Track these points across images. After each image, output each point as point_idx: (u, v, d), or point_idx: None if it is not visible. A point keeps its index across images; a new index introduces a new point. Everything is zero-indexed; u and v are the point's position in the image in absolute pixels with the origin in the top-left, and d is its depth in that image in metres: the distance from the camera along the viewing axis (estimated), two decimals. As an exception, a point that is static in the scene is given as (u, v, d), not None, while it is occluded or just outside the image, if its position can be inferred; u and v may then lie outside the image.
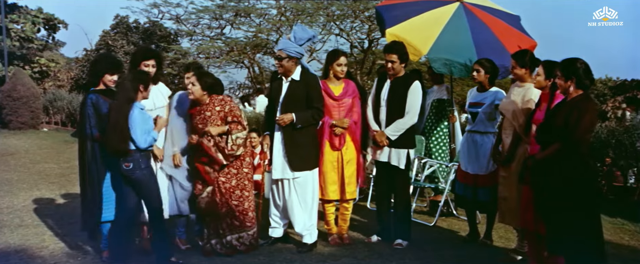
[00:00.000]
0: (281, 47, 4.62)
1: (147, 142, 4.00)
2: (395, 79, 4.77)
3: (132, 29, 17.88)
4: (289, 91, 4.62)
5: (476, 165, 4.77)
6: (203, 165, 4.43)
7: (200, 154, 4.43)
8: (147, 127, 4.03)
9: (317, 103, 4.58)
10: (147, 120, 4.04)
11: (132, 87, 3.99)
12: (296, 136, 4.58)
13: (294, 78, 4.62)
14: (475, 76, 4.80)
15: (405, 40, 5.17)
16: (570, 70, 3.51)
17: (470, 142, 4.84)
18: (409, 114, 4.69)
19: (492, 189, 4.60)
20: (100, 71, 4.22)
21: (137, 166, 3.99)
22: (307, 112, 4.53)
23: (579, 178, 3.43)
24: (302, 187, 4.62)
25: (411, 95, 4.67)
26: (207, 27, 15.99)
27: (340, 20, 14.77)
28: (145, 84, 4.05)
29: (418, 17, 5.67)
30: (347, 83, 4.85)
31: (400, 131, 4.70)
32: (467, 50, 5.33)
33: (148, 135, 4.02)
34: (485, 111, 4.74)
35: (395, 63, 4.72)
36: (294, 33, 4.62)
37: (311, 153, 4.63)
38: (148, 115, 4.09)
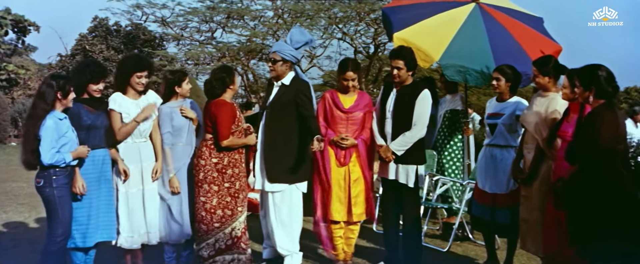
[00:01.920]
0: (276, 49, 4.72)
1: (52, 160, 3.89)
2: (402, 88, 4.78)
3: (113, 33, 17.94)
4: (276, 96, 4.72)
5: (494, 182, 4.75)
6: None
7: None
8: (60, 141, 3.94)
9: (305, 110, 4.63)
10: (63, 134, 3.97)
11: (49, 93, 3.94)
12: (278, 144, 4.66)
13: (283, 83, 4.72)
14: (494, 85, 4.80)
15: (415, 45, 5.19)
16: (590, 78, 3.52)
17: (488, 157, 4.82)
18: (416, 126, 4.69)
19: (512, 210, 4.58)
20: (83, 81, 4.24)
21: (48, 183, 3.94)
22: (312, 127, 4.56)
23: (612, 196, 3.41)
24: (278, 203, 4.69)
25: (419, 105, 4.68)
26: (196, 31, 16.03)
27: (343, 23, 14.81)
28: (64, 92, 3.99)
29: (429, 20, 5.68)
30: (360, 95, 4.87)
31: (407, 145, 4.70)
32: (483, 56, 5.34)
33: (56, 151, 3.91)
34: (505, 123, 4.74)
35: (402, 71, 4.73)
36: (291, 35, 4.70)
37: (293, 164, 4.66)
38: (67, 129, 4.01)
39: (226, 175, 4.52)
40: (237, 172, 4.58)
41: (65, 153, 3.95)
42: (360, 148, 4.79)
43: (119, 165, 4.43)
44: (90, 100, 4.30)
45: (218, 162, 4.52)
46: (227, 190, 4.52)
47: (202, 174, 4.51)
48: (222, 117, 4.47)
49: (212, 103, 4.56)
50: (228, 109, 4.51)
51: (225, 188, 4.51)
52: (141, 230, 4.53)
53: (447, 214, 6.32)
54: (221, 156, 4.52)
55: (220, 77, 4.56)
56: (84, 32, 17.94)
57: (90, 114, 4.23)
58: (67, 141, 3.99)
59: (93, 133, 4.25)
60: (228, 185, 4.52)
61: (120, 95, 4.48)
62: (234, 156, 4.57)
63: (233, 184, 4.55)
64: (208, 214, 4.49)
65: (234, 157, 4.57)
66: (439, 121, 6.22)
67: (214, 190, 4.49)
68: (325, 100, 4.89)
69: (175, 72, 4.84)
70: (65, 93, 3.99)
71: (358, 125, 4.82)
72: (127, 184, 4.47)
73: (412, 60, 4.78)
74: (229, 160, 4.54)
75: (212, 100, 4.58)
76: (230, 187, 4.53)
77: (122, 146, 4.48)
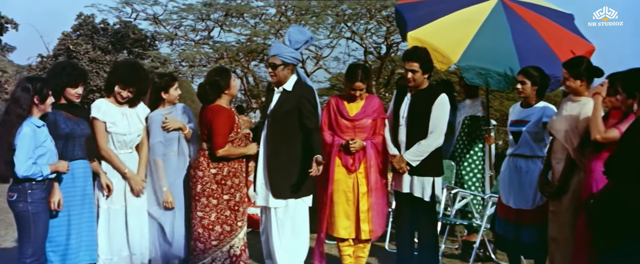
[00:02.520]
0: (275, 52, 4.72)
1: (28, 172, 3.83)
2: (417, 92, 4.79)
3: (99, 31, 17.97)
4: (278, 103, 4.73)
5: (519, 197, 4.71)
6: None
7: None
8: (37, 151, 3.89)
9: (309, 121, 4.65)
10: (41, 143, 3.91)
11: (25, 97, 3.88)
12: (281, 156, 4.68)
13: (285, 89, 4.73)
14: (519, 89, 4.77)
15: (431, 45, 5.20)
16: (635, 84, 3.49)
17: (512, 169, 4.79)
18: (433, 134, 4.69)
19: (539, 228, 4.54)
20: (59, 85, 4.20)
21: (22, 197, 3.88)
22: (315, 142, 4.61)
23: None
24: (282, 218, 4.71)
25: (436, 110, 4.68)
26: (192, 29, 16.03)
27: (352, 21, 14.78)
28: (42, 96, 3.93)
29: (447, 18, 5.69)
30: (369, 100, 4.88)
31: (423, 155, 4.69)
32: (507, 57, 5.33)
33: (32, 162, 3.85)
34: (530, 130, 4.70)
35: (417, 73, 4.72)
36: (289, 35, 4.71)
37: (298, 177, 4.68)
38: (45, 137, 3.97)
39: (225, 187, 4.51)
40: (238, 183, 4.57)
41: (43, 165, 3.89)
42: (370, 154, 4.79)
43: (101, 178, 4.41)
44: (68, 105, 4.27)
45: (217, 173, 4.50)
46: (227, 202, 4.51)
47: (200, 186, 4.50)
48: (217, 123, 4.46)
49: (207, 109, 4.55)
50: (224, 115, 4.49)
51: (225, 200, 4.50)
52: (123, 252, 4.49)
53: (467, 231, 6.29)
54: (220, 166, 4.51)
55: (213, 80, 4.53)
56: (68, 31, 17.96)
57: (69, 121, 4.20)
58: (45, 152, 3.94)
59: (72, 143, 4.21)
60: (227, 197, 4.51)
61: (105, 102, 4.46)
62: (233, 166, 4.56)
63: (233, 196, 4.54)
64: (205, 231, 4.48)
65: (234, 166, 4.56)
66: (458, 128, 6.22)
67: (212, 203, 4.48)
68: (330, 106, 4.92)
69: (163, 76, 4.82)
70: (43, 98, 3.93)
71: (367, 133, 4.83)
72: (110, 200, 4.45)
73: (428, 62, 4.78)
74: (228, 169, 4.53)
75: (207, 105, 4.56)
76: (230, 199, 4.52)
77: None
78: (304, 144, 4.69)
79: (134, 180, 4.49)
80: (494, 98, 14.02)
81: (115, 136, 4.46)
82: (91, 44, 17.27)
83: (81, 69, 4.45)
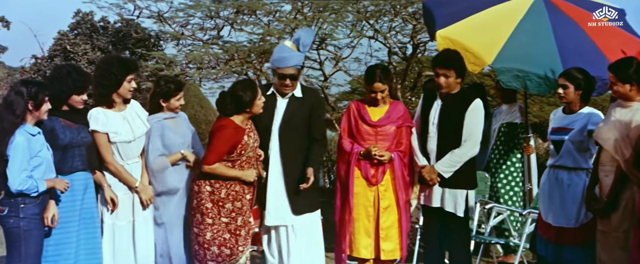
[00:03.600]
0: (296, 62, 4.77)
1: (23, 186, 3.82)
2: (448, 97, 4.81)
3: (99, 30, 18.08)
4: (289, 112, 4.79)
5: (561, 213, 4.69)
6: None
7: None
8: (33, 162, 3.89)
9: (317, 130, 4.77)
10: (36, 153, 3.91)
11: (18, 102, 3.87)
12: (299, 170, 4.75)
13: (295, 95, 4.79)
14: (561, 93, 4.75)
15: (463, 45, 5.23)
16: None
17: (553, 182, 4.77)
18: (467, 143, 4.71)
19: (584, 249, 4.52)
20: (65, 91, 4.21)
21: (13, 212, 3.87)
22: (315, 154, 4.76)
23: None
24: (299, 235, 4.75)
25: (470, 117, 4.70)
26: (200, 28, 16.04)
27: (374, 19, 14.70)
28: (37, 101, 3.93)
29: (480, 15, 5.71)
30: (393, 105, 4.92)
31: (456, 165, 4.70)
32: (548, 58, 5.32)
33: (27, 175, 3.84)
34: (574, 139, 4.68)
35: (450, 79, 4.75)
36: (302, 40, 4.78)
37: (314, 190, 4.78)
38: (41, 147, 3.97)
39: (224, 210, 4.50)
40: (240, 206, 4.55)
41: (39, 179, 3.90)
42: (395, 166, 4.81)
43: (105, 192, 4.42)
44: (69, 112, 4.28)
45: (213, 192, 4.50)
46: (226, 225, 4.50)
47: (195, 201, 4.52)
48: (217, 139, 4.46)
49: (217, 121, 4.57)
50: (228, 133, 4.46)
51: (223, 223, 4.49)
52: None
53: (504, 251, 6.29)
54: (217, 187, 4.49)
55: (238, 95, 4.49)
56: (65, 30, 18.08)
57: (68, 130, 4.21)
58: (41, 162, 3.94)
59: (70, 154, 4.22)
60: (227, 220, 4.50)
61: (102, 111, 4.43)
62: (233, 188, 4.52)
63: (234, 220, 4.52)
64: (201, 249, 4.50)
65: (234, 189, 4.52)
66: (493, 136, 6.24)
67: (207, 222, 4.48)
68: (350, 111, 4.95)
69: (170, 82, 4.80)
70: (38, 103, 3.93)
71: (390, 142, 4.85)
72: (115, 215, 4.47)
73: (463, 67, 4.82)
74: (227, 192, 4.50)
75: (221, 116, 4.58)
76: (229, 223, 4.51)
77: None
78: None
79: (144, 191, 4.52)
80: (533, 103, 13.94)
81: (120, 146, 4.48)
82: (90, 44, 17.36)
83: (86, 74, 4.49)
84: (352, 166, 4.83)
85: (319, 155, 4.79)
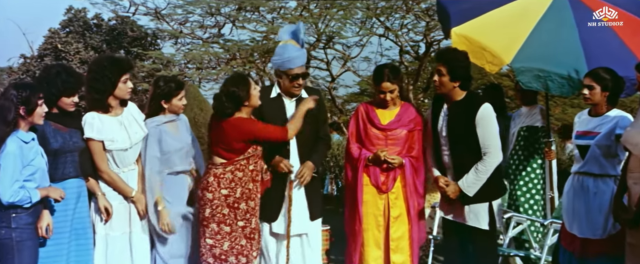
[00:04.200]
0: (304, 60, 4.87)
1: (15, 198, 3.81)
2: (453, 104, 4.79)
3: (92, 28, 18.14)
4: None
5: (586, 223, 4.65)
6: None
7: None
8: (26, 171, 3.87)
9: (324, 132, 4.95)
10: (30, 162, 3.89)
11: (9, 108, 3.84)
12: (317, 172, 4.88)
13: (302, 96, 4.90)
14: (586, 94, 4.73)
15: (480, 43, 5.22)
16: None
17: (578, 189, 4.73)
18: (488, 155, 4.67)
19: (612, 262, 4.48)
20: (53, 93, 4.20)
21: (5, 223, 3.86)
22: (319, 152, 4.88)
23: None
24: (312, 242, 4.86)
25: (480, 127, 4.67)
26: (199, 26, 16.15)
27: (385, 15, 14.78)
28: (30, 106, 3.90)
29: (498, 11, 5.67)
30: (404, 108, 4.92)
31: (482, 181, 4.66)
32: (571, 57, 5.28)
33: (20, 185, 3.83)
34: (600, 144, 4.64)
35: (444, 78, 4.71)
36: (302, 36, 4.88)
37: (320, 193, 5.03)
38: (35, 155, 3.95)
39: (239, 211, 4.52)
40: (253, 206, 4.59)
41: (32, 189, 3.88)
42: (406, 172, 4.81)
43: (99, 200, 4.41)
44: (59, 115, 4.27)
45: (229, 194, 4.51)
46: (242, 229, 4.53)
47: (208, 210, 4.51)
48: (258, 129, 4.58)
49: (228, 126, 4.57)
50: (251, 122, 4.59)
51: (239, 228, 4.52)
52: None
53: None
54: (233, 187, 4.51)
55: (231, 92, 4.54)
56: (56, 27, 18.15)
57: (59, 134, 4.21)
58: (35, 171, 3.94)
59: (62, 160, 4.22)
60: (243, 223, 4.53)
61: (97, 116, 4.42)
62: (247, 186, 4.56)
63: (249, 222, 4.55)
64: (217, 261, 4.49)
65: (248, 187, 4.56)
66: (512, 141, 6.19)
67: (225, 231, 4.49)
68: (359, 114, 4.96)
69: (168, 81, 4.81)
70: (31, 108, 3.91)
71: (401, 146, 4.85)
72: (109, 226, 4.46)
73: (460, 68, 4.74)
74: (242, 191, 4.54)
75: (221, 118, 4.58)
76: (245, 226, 4.53)
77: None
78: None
79: (141, 201, 4.52)
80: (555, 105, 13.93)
81: (116, 153, 4.47)
82: (83, 43, 17.43)
83: (78, 74, 4.46)
84: (360, 173, 4.84)
85: (323, 153, 4.91)
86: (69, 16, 18.21)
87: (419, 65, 15.06)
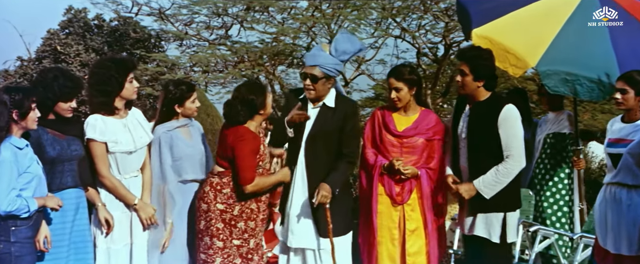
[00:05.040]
0: (317, 62, 4.78)
1: (12, 207, 3.80)
2: (476, 105, 4.80)
3: (93, 29, 18.24)
4: (318, 121, 4.83)
5: (619, 238, 4.62)
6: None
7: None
8: (22, 180, 3.87)
9: (347, 144, 4.80)
10: (25, 169, 3.89)
11: (1, 112, 3.84)
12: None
13: (326, 104, 4.84)
14: (619, 99, 4.70)
15: (503, 45, 5.21)
16: None
17: (610, 201, 4.70)
18: (511, 158, 4.65)
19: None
20: (50, 98, 4.21)
21: (3, 236, 3.86)
22: (338, 171, 4.74)
23: None
24: (328, 259, 4.77)
25: (503, 129, 4.66)
26: (205, 27, 16.21)
27: (402, 16, 14.80)
28: (23, 110, 3.90)
29: (522, 11, 5.67)
30: (423, 115, 4.93)
31: (501, 184, 4.65)
32: (602, 59, 5.26)
33: (16, 194, 3.82)
34: (634, 152, 4.59)
35: (467, 78, 4.71)
36: (336, 43, 4.83)
37: (347, 209, 4.86)
38: (30, 161, 3.95)
39: (236, 230, 4.52)
40: (253, 227, 4.59)
41: (29, 198, 3.88)
42: (422, 184, 4.80)
43: (100, 212, 4.41)
44: (57, 121, 4.27)
45: (225, 210, 4.51)
46: (237, 248, 4.52)
47: (203, 222, 4.52)
48: (244, 152, 4.49)
49: (231, 132, 4.57)
50: (250, 142, 4.52)
51: (234, 246, 4.51)
52: None
53: (551, 282, 6.20)
54: (230, 203, 4.52)
55: (248, 99, 4.56)
56: (55, 28, 18.25)
57: (57, 142, 4.21)
58: (31, 178, 3.94)
59: (59, 169, 4.22)
60: (239, 242, 4.52)
61: (100, 118, 4.44)
62: (248, 206, 4.56)
63: (246, 242, 4.54)
64: None
65: (249, 207, 4.56)
66: (538, 148, 6.19)
67: (217, 246, 4.49)
68: (375, 118, 4.98)
69: (180, 84, 4.87)
70: (24, 113, 3.92)
71: (418, 155, 4.85)
72: (110, 238, 4.46)
73: (482, 67, 4.75)
74: (240, 209, 4.53)
75: (231, 125, 4.58)
76: (241, 245, 4.53)
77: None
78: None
79: (144, 210, 4.51)
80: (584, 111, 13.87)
81: (119, 157, 4.49)
82: (83, 45, 17.52)
83: (76, 78, 4.47)
84: (375, 181, 4.84)
85: (343, 172, 4.75)
86: (68, 17, 18.32)
87: (437, 68, 15.05)
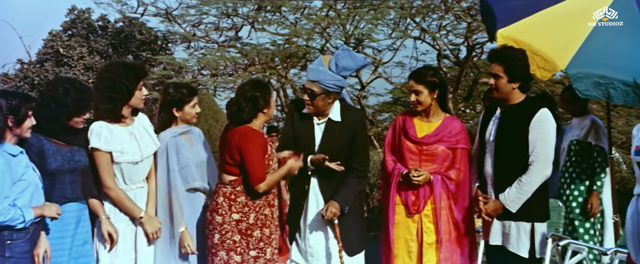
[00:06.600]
0: (315, 77, 4.80)
1: (6, 217, 3.76)
2: (508, 108, 4.77)
3: (97, 30, 18.30)
4: (326, 138, 4.87)
5: (654, 253, 4.52)
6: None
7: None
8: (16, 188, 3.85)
9: (359, 163, 4.84)
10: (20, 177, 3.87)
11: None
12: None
13: (332, 119, 4.87)
14: (656, 104, 4.64)
15: (530, 46, 5.18)
16: None
17: (643, 214, 4.63)
18: (535, 165, 4.64)
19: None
20: (65, 114, 4.19)
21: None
22: (348, 187, 4.76)
23: None
24: None
25: (534, 132, 4.65)
26: (214, 28, 16.24)
27: (421, 16, 14.77)
28: (18, 117, 3.88)
29: (550, 10, 5.67)
30: (447, 121, 4.91)
31: (527, 195, 4.62)
32: (637, 61, 5.23)
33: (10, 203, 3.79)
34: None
35: (501, 80, 4.69)
36: (337, 59, 4.83)
37: (360, 230, 4.90)
38: (25, 169, 3.92)
39: (252, 239, 4.50)
40: (268, 234, 4.57)
41: (25, 207, 3.86)
42: (435, 191, 4.77)
43: (103, 225, 4.39)
44: (62, 131, 4.23)
45: (241, 219, 4.49)
46: (254, 260, 4.49)
47: (217, 236, 4.49)
48: (252, 151, 4.49)
49: (235, 133, 4.56)
50: (257, 140, 4.53)
51: (251, 258, 4.49)
52: None
53: (583, 300, 6.12)
54: (246, 212, 4.50)
55: (252, 96, 4.57)
56: (57, 30, 18.31)
57: (59, 152, 4.19)
58: (27, 186, 3.91)
59: (60, 180, 4.21)
60: (255, 253, 4.50)
61: (105, 126, 4.42)
62: (263, 212, 4.55)
63: (262, 252, 4.52)
64: None
65: (263, 213, 4.55)
66: (563, 156, 6.18)
67: (235, 260, 4.46)
68: (396, 123, 4.99)
69: (181, 87, 4.85)
70: (20, 119, 3.90)
71: (438, 164, 4.83)
72: (114, 253, 4.44)
73: (519, 68, 4.72)
74: (256, 216, 4.52)
75: (235, 126, 4.58)
76: (258, 256, 4.51)
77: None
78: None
79: (150, 223, 4.51)
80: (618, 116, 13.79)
81: (124, 167, 4.48)
82: (87, 47, 17.57)
83: (87, 89, 4.44)
84: (392, 190, 4.84)
85: (353, 188, 4.79)
86: (71, 17, 18.38)
87: (459, 70, 14.99)
